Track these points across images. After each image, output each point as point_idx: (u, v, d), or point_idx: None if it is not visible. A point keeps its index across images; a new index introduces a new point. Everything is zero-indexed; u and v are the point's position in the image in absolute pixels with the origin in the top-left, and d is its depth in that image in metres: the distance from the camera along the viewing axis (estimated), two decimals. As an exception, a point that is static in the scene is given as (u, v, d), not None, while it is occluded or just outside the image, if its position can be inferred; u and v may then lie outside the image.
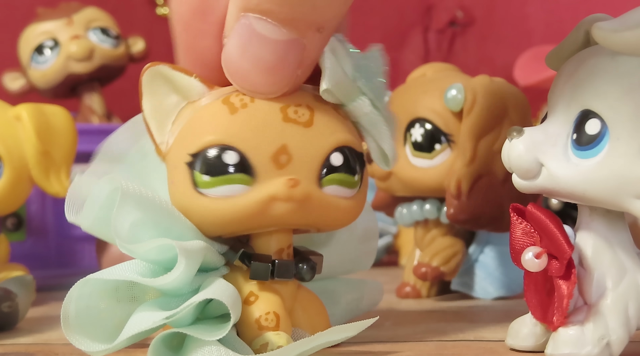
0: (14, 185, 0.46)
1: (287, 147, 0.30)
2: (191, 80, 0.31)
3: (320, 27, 0.30)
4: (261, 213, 0.30)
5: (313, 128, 0.31)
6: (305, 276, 0.32)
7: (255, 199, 0.30)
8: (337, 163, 0.31)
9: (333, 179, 0.31)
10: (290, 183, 0.30)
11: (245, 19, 0.29)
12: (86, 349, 0.30)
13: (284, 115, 0.31)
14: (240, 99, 0.30)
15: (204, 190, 0.30)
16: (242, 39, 0.29)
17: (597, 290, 0.31)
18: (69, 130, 0.48)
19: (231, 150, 0.30)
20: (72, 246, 0.58)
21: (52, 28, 0.65)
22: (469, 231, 0.49)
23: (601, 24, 0.29)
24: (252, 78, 0.30)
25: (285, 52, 0.29)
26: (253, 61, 0.30)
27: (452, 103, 0.46)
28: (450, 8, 0.87)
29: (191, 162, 0.30)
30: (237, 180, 0.30)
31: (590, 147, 0.30)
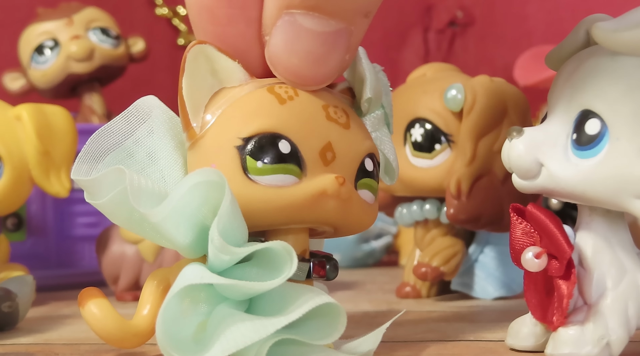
0: (14, 185, 0.46)
1: (332, 145, 0.30)
2: (234, 64, 0.30)
3: (368, 12, 0.29)
4: (310, 207, 0.30)
5: (351, 132, 0.31)
6: (330, 275, 0.32)
7: (307, 192, 0.30)
8: (370, 168, 0.31)
9: (365, 183, 0.31)
10: (340, 181, 0.30)
11: (289, 15, 0.29)
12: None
13: (326, 113, 0.30)
14: (285, 91, 0.30)
15: (255, 176, 0.29)
16: (288, 35, 0.29)
17: (597, 290, 0.31)
18: (69, 130, 0.48)
19: (284, 139, 0.29)
20: (72, 246, 0.58)
21: (52, 28, 0.65)
22: (469, 231, 0.49)
23: (601, 24, 0.29)
24: (303, 72, 0.30)
25: (335, 42, 0.29)
26: (303, 56, 0.29)
27: (452, 103, 0.46)
28: (450, 8, 0.87)
29: (242, 146, 0.29)
30: (290, 170, 0.29)
31: (590, 147, 0.30)
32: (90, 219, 0.57)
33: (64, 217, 0.57)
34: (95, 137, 0.31)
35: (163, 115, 0.32)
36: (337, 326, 0.29)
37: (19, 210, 0.55)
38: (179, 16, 0.83)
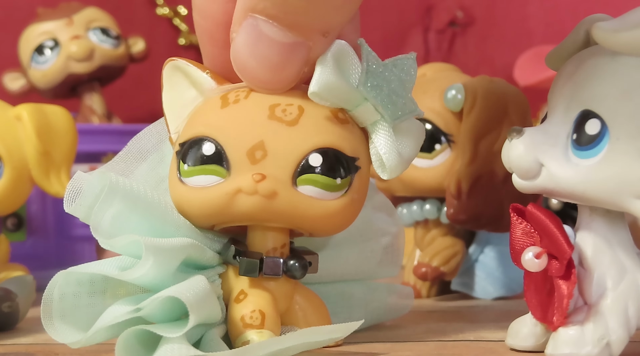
0: (14, 185, 0.46)
1: (265, 143, 0.31)
2: (203, 75, 0.32)
3: (326, 32, 0.30)
4: (228, 205, 0.31)
5: (296, 128, 0.31)
6: (295, 273, 0.32)
7: (223, 190, 0.31)
8: (315, 164, 0.31)
9: (309, 179, 0.31)
10: (256, 178, 0.30)
11: (253, 19, 0.30)
12: (62, 340, 0.30)
13: (270, 112, 0.31)
14: (235, 95, 0.32)
15: (185, 178, 0.31)
16: (249, 38, 0.30)
17: (597, 290, 0.31)
18: (69, 130, 0.48)
19: (209, 142, 0.31)
20: (72, 246, 0.58)
21: (52, 28, 0.65)
22: (469, 231, 0.49)
23: (601, 24, 0.29)
24: (259, 75, 0.31)
25: (291, 54, 0.30)
26: (260, 60, 0.31)
27: (452, 104, 0.46)
28: (450, 8, 0.87)
29: (178, 151, 0.32)
30: (211, 171, 0.31)
31: (590, 147, 0.30)
32: (91, 219, 0.57)
33: (64, 217, 0.57)
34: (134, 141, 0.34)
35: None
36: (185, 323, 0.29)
37: (19, 210, 0.55)
38: (180, 16, 0.83)
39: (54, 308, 0.30)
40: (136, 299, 0.30)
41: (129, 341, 0.29)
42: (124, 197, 0.30)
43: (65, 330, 0.30)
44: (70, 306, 0.30)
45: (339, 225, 0.32)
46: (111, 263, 0.30)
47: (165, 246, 0.30)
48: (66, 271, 0.30)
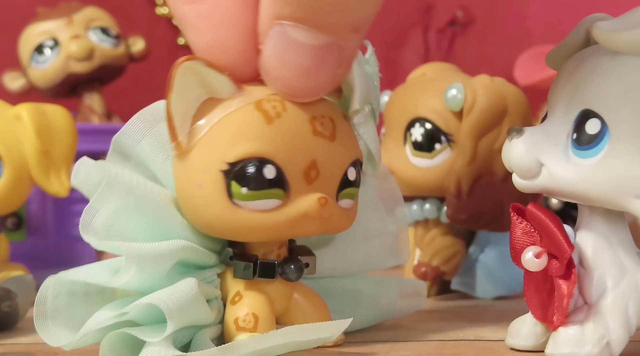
0: (14, 185, 0.46)
1: (317, 162, 0.31)
2: (223, 78, 0.30)
3: (357, 28, 0.29)
4: (293, 228, 0.31)
5: (336, 143, 0.31)
6: (290, 276, 0.32)
7: (290, 216, 0.30)
8: (352, 178, 0.32)
9: (346, 193, 0.32)
10: (322, 202, 0.30)
11: (280, 26, 0.29)
12: (53, 342, 0.30)
13: (313, 128, 0.31)
14: (272, 106, 0.30)
15: (240, 201, 0.30)
16: (278, 46, 0.29)
17: (597, 290, 0.31)
18: (69, 130, 0.48)
19: (270, 164, 0.30)
20: (72, 246, 0.57)
21: (52, 28, 0.64)
22: (469, 231, 0.49)
23: (601, 23, 0.29)
24: (293, 83, 0.30)
25: (324, 56, 0.29)
26: (292, 67, 0.29)
27: (452, 103, 0.46)
28: (450, 8, 0.87)
29: (228, 170, 0.30)
30: (274, 195, 0.30)
31: (590, 146, 0.30)
32: (90, 219, 0.57)
33: (64, 216, 0.57)
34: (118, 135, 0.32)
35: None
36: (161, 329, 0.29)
37: (18, 210, 0.55)
38: (179, 16, 0.82)
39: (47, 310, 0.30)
40: (123, 303, 0.30)
41: (113, 344, 0.29)
42: (122, 193, 0.30)
43: (57, 332, 0.30)
44: (64, 308, 0.30)
45: (349, 227, 0.33)
46: (100, 268, 0.30)
47: (149, 252, 0.29)
48: (56, 276, 0.30)
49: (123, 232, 0.30)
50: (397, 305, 0.38)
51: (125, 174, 0.30)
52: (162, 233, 0.31)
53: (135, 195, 0.30)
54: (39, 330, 0.30)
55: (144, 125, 0.32)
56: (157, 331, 0.29)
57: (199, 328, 0.31)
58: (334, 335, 0.31)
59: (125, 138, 0.32)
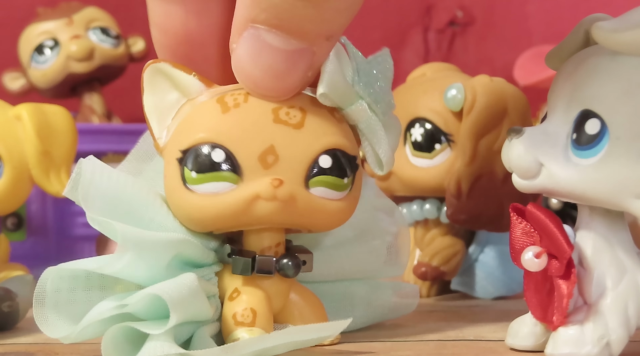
0: (14, 185, 0.46)
1: (275, 147, 0.31)
2: (189, 78, 0.32)
3: (329, 36, 0.30)
4: (245, 211, 0.31)
5: (303, 130, 0.31)
6: (288, 272, 0.32)
7: (240, 197, 0.30)
8: (326, 165, 0.31)
9: (321, 181, 0.31)
10: (274, 183, 0.30)
11: (254, 29, 0.30)
12: (53, 334, 0.30)
13: (275, 116, 0.31)
14: (234, 99, 0.31)
15: (192, 186, 0.31)
16: (252, 48, 0.30)
17: (597, 290, 0.31)
18: (69, 130, 0.48)
19: (219, 148, 0.30)
20: (72, 246, 0.58)
21: (52, 28, 0.65)
22: (469, 231, 0.49)
23: (601, 24, 0.29)
24: (264, 84, 0.31)
25: (296, 60, 0.30)
26: (264, 69, 0.30)
27: (452, 103, 0.46)
28: (450, 8, 0.87)
29: (181, 158, 0.31)
30: (224, 177, 0.30)
31: (590, 146, 0.30)
32: (91, 219, 0.57)
33: (64, 216, 0.57)
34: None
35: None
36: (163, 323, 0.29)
37: (19, 210, 0.55)
38: (179, 16, 0.82)
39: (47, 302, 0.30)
40: (122, 296, 0.30)
41: (115, 338, 0.29)
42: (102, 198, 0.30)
43: (57, 324, 0.30)
44: (64, 302, 0.30)
45: (341, 221, 0.33)
46: (98, 259, 0.31)
47: (147, 238, 0.30)
48: (56, 268, 0.30)
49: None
50: (391, 307, 0.38)
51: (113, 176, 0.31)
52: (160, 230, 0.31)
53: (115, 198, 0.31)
54: (38, 321, 0.30)
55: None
56: (160, 325, 0.29)
57: (198, 325, 0.31)
58: (333, 335, 0.31)
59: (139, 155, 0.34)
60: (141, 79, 0.32)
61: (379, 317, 0.38)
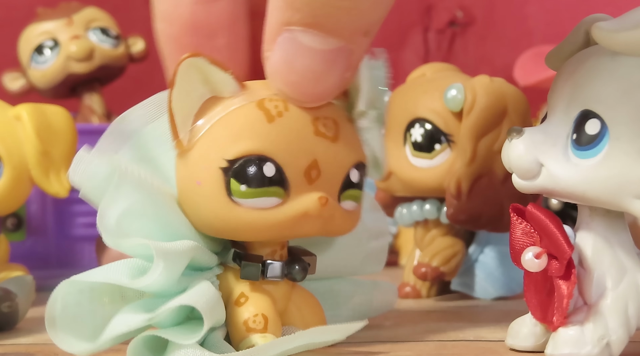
0: (14, 185, 0.46)
1: (318, 162, 0.30)
2: (226, 76, 0.30)
3: (367, 31, 0.29)
4: (293, 227, 0.30)
5: (338, 144, 0.31)
6: (296, 276, 0.32)
7: (289, 215, 0.30)
8: (355, 180, 0.32)
9: (350, 195, 0.32)
10: (322, 202, 0.30)
11: (289, 32, 0.29)
12: (69, 349, 0.30)
13: (315, 128, 0.30)
14: (275, 106, 0.30)
15: (239, 199, 0.30)
16: (288, 52, 0.29)
17: (597, 290, 0.31)
18: (69, 130, 0.48)
19: (270, 162, 0.30)
20: (72, 246, 0.57)
21: (52, 28, 0.64)
22: (469, 231, 0.49)
23: (601, 24, 0.29)
24: (302, 89, 0.30)
25: (334, 60, 0.29)
26: (302, 73, 0.29)
27: (452, 103, 0.46)
28: (450, 8, 0.87)
29: (227, 168, 0.30)
30: (273, 193, 0.30)
31: (590, 147, 0.30)
32: (90, 219, 0.57)
33: (64, 217, 0.57)
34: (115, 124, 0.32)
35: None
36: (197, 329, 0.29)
37: (18, 210, 0.55)
38: (179, 16, 0.82)
39: (57, 319, 0.30)
40: (144, 305, 0.30)
41: (137, 348, 0.29)
42: (134, 189, 0.30)
43: (71, 340, 0.30)
44: (73, 316, 0.30)
45: (352, 229, 0.33)
46: (116, 269, 0.30)
47: (172, 250, 0.29)
48: (70, 280, 0.30)
49: (131, 232, 0.30)
50: (372, 305, 0.38)
51: (135, 170, 0.30)
52: (169, 233, 0.31)
53: (145, 192, 0.30)
54: (53, 338, 0.30)
55: (153, 110, 0.32)
56: (190, 333, 0.29)
57: (210, 330, 0.31)
58: (344, 337, 0.31)
59: (130, 120, 0.32)
60: (175, 72, 0.29)
61: (362, 315, 0.38)
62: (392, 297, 0.40)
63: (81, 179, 0.31)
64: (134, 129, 0.32)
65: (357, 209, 0.33)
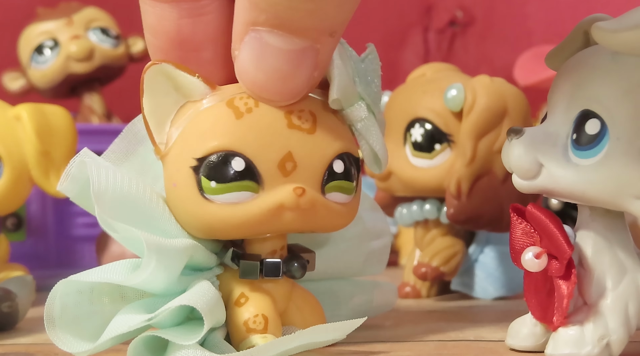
0: (14, 185, 0.46)
1: (293, 154, 0.30)
2: (194, 79, 0.30)
3: (333, 32, 0.30)
4: (269, 221, 0.30)
5: (316, 135, 0.31)
6: (295, 274, 0.32)
7: (264, 207, 0.30)
8: (339, 170, 0.31)
9: (335, 186, 0.31)
10: (298, 192, 0.30)
11: (256, 32, 0.29)
12: (69, 349, 0.30)
13: (288, 121, 0.30)
14: (244, 103, 0.30)
15: (211, 196, 0.30)
16: (254, 51, 0.29)
17: (597, 290, 0.31)
18: (69, 130, 0.48)
19: (239, 157, 0.30)
20: (72, 246, 0.58)
21: (52, 28, 0.64)
22: (469, 231, 0.49)
23: (601, 24, 0.29)
24: (269, 88, 0.30)
25: (300, 60, 0.29)
26: (269, 72, 0.30)
27: (452, 103, 0.46)
28: (450, 8, 0.87)
29: (197, 166, 0.30)
30: (245, 187, 0.30)
31: (590, 147, 0.30)
32: (90, 219, 0.57)
33: (64, 217, 0.57)
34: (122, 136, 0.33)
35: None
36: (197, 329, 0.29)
37: (18, 210, 0.55)
38: (179, 16, 0.82)
39: (56, 319, 0.30)
40: (144, 305, 0.30)
41: (137, 348, 0.29)
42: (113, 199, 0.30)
43: (70, 340, 0.30)
44: (73, 316, 0.30)
45: (348, 223, 0.33)
46: (112, 269, 0.30)
47: (165, 244, 0.29)
48: (66, 280, 0.30)
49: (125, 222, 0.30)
50: (372, 306, 0.38)
51: (117, 177, 0.30)
52: (165, 233, 0.31)
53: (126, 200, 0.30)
54: (53, 339, 0.30)
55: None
56: (190, 334, 0.29)
57: (211, 330, 0.31)
58: (344, 335, 0.31)
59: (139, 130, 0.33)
60: (141, 80, 0.31)
61: (362, 315, 0.38)
62: (392, 297, 0.40)
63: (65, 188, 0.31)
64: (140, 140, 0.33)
65: (349, 202, 0.32)
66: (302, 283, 0.35)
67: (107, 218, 0.29)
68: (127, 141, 0.33)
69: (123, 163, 0.33)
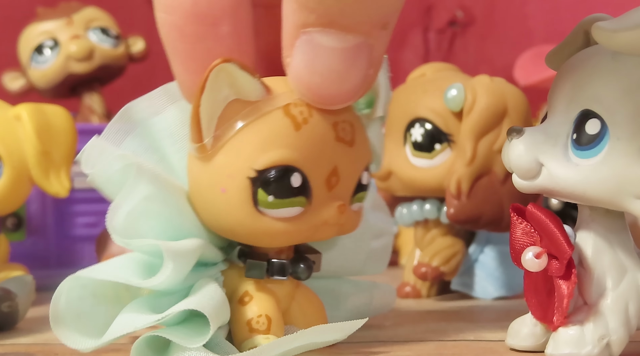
0: (14, 185, 0.46)
1: (338, 168, 0.30)
2: (253, 80, 0.29)
3: (385, 24, 0.29)
4: (311, 234, 0.31)
5: (354, 149, 0.31)
6: (301, 275, 0.32)
7: (310, 224, 0.30)
8: (365, 181, 0.32)
9: (360, 197, 0.32)
10: (341, 210, 0.31)
11: (307, 34, 0.28)
12: (73, 345, 0.30)
13: (335, 133, 0.30)
14: (300, 112, 0.30)
15: (265, 209, 0.30)
16: (307, 55, 0.28)
17: (597, 290, 0.31)
18: (69, 130, 0.48)
19: (297, 173, 0.30)
20: (72, 246, 0.57)
21: (52, 28, 0.64)
22: (469, 231, 0.49)
23: (601, 24, 0.29)
24: (325, 90, 0.29)
25: (355, 58, 0.29)
26: (324, 74, 0.29)
27: (452, 103, 0.46)
28: (450, 8, 0.87)
29: (255, 178, 0.29)
30: (298, 202, 0.30)
31: (590, 147, 0.30)
32: (90, 219, 0.57)
33: (64, 217, 0.57)
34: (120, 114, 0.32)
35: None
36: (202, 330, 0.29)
37: (18, 210, 0.55)
38: (179, 16, 0.82)
39: (61, 315, 0.30)
40: (149, 303, 0.30)
41: (141, 348, 0.29)
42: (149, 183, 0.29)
43: (75, 336, 0.30)
44: (77, 312, 0.30)
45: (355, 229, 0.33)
46: (122, 266, 0.30)
47: (182, 249, 0.29)
48: (76, 275, 0.30)
49: (140, 229, 0.30)
50: (371, 306, 0.38)
51: (149, 165, 0.30)
52: (175, 229, 0.30)
53: (158, 187, 0.30)
54: (58, 334, 0.30)
55: (164, 101, 0.32)
56: (196, 336, 0.29)
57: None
58: (345, 336, 0.31)
59: (136, 110, 0.32)
60: (205, 77, 0.29)
61: (362, 315, 0.38)
62: (391, 299, 0.40)
63: (95, 170, 0.30)
64: (140, 119, 0.32)
65: (361, 209, 0.33)
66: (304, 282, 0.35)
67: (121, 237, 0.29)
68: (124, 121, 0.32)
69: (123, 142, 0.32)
